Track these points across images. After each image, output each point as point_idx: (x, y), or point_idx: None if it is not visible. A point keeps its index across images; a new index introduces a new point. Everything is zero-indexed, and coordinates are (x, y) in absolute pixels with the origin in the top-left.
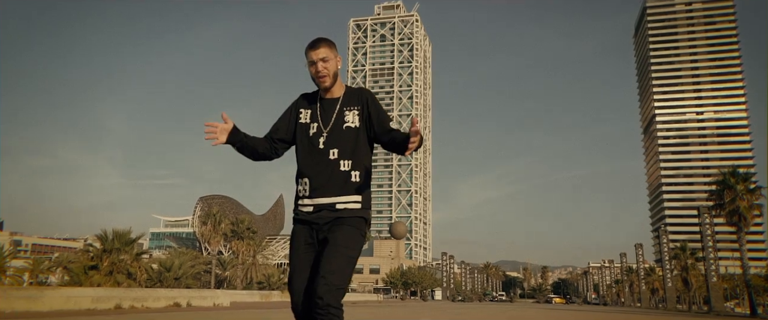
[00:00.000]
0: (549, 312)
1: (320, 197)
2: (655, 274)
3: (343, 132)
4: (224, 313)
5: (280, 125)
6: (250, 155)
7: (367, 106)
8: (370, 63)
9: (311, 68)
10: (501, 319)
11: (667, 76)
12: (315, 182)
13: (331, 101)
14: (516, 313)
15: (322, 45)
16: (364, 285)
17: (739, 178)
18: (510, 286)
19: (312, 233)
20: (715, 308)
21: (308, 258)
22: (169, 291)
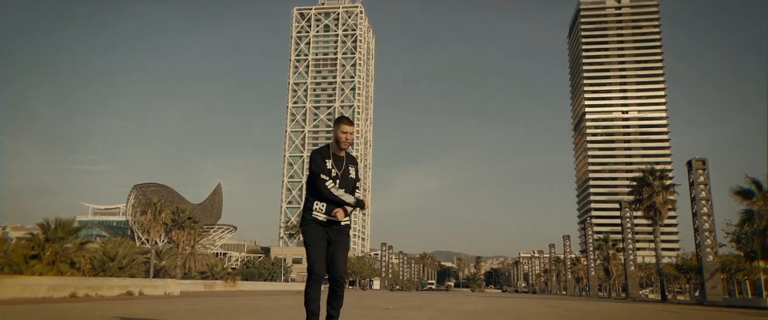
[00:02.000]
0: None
1: (331, 214)
2: (581, 264)
3: (348, 179)
4: (184, 301)
5: (327, 172)
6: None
7: (358, 168)
8: (313, 53)
9: (342, 135)
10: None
11: (597, 76)
12: (328, 207)
13: (340, 158)
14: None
15: (352, 124)
16: (304, 274)
17: (656, 176)
18: (445, 276)
19: (325, 232)
20: (631, 294)
21: (325, 244)
22: (122, 280)
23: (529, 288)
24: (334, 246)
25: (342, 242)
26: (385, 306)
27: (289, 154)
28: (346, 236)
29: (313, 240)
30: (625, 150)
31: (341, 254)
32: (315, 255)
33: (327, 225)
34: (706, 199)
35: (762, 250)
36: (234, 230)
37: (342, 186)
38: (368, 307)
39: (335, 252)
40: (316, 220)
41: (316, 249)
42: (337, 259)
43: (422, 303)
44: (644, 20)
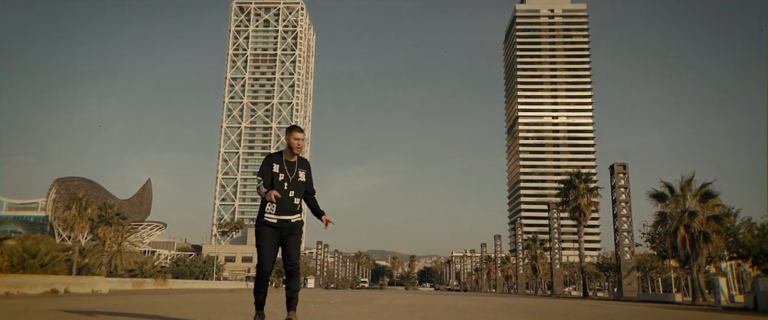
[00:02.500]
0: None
1: (282, 215)
2: (510, 262)
3: (298, 182)
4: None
5: (266, 176)
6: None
7: (309, 172)
8: (251, 48)
9: (294, 141)
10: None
11: (530, 82)
12: (278, 208)
13: (292, 163)
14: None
15: (303, 131)
16: (236, 273)
17: (581, 179)
18: (379, 274)
19: (276, 232)
20: (556, 291)
21: (275, 245)
22: (46, 277)
23: (461, 286)
24: (287, 239)
25: (293, 236)
26: (326, 301)
27: (224, 150)
28: (298, 230)
29: (263, 242)
30: (554, 154)
31: (294, 244)
32: (265, 255)
33: (278, 226)
34: (626, 201)
35: (673, 250)
36: (164, 227)
37: (292, 189)
38: (308, 302)
39: (288, 243)
40: (267, 222)
41: (266, 250)
42: (290, 249)
43: (360, 299)
44: (575, 30)
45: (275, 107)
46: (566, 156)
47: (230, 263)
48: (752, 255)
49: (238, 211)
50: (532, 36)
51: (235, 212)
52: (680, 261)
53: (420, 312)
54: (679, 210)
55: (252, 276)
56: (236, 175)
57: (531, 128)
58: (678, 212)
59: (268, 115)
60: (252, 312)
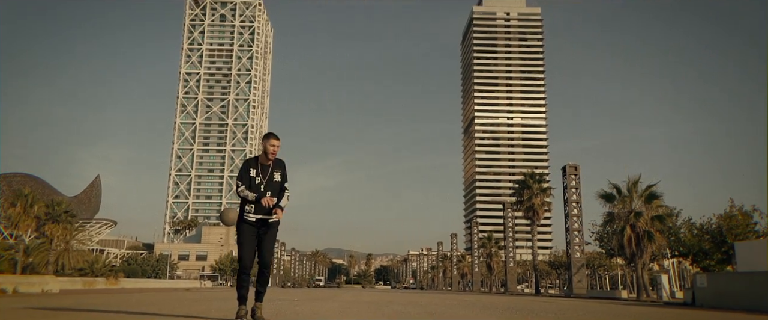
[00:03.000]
0: (379, 293)
1: (259, 215)
2: (466, 261)
3: (273, 183)
4: (69, 298)
5: (244, 180)
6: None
7: (284, 171)
8: (207, 42)
9: (270, 148)
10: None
11: (486, 84)
12: (256, 208)
13: (266, 166)
14: (355, 292)
15: (279, 139)
16: (190, 271)
17: (535, 179)
18: (336, 273)
19: (254, 230)
20: (509, 289)
21: (253, 241)
22: None
23: (417, 284)
24: (262, 238)
25: (269, 234)
26: (289, 299)
27: (177, 146)
28: (273, 230)
29: (244, 239)
30: (509, 154)
31: (268, 244)
32: (245, 252)
33: (257, 225)
34: (576, 201)
35: (619, 248)
36: (113, 225)
37: (268, 189)
38: (273, 300)
39: (262, 242)
40: (247, 221)
41: (246, 247)
42: (263, 249)
43: (324, 297)
44: (529, 34)
45: (231, 104)
46: (520, 157)
47: (184, 261)
48: (692, 253)
49: (191, 209)
50: (489, 38)
51: (189, 210)
52: (626, 259)
53: (386, 308)
54: (625, 210)
55: (206, 274)
56: (190, 172)
57: (487, 128)
58: (625, 213)
59: (223, 111)
60: (230, 307)
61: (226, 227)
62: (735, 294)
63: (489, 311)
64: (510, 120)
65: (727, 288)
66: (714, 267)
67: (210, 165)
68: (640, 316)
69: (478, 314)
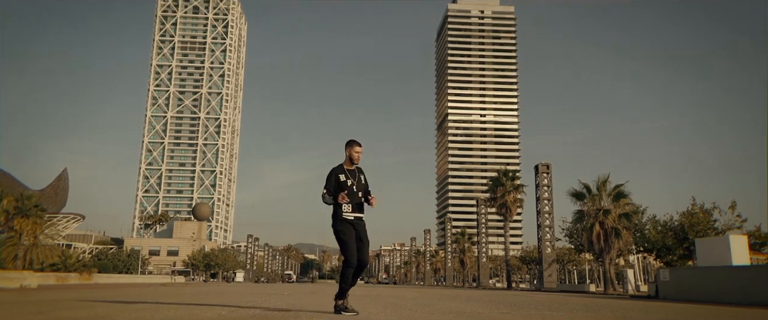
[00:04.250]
0: (357, 288)
1: (357, 213)
2: (439, 256)
3: (361, 184)
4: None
5: (330, 186)
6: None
7: (364, 174)
8: (180, 34)
9: (355, 154)
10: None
11: (460, 80)
12: (353, 206)
13: (353, 170)
14: (335, 288)
15: (361, 145)
16: (161, 267)
17: (508, 177)
18: (308, 268)
19: (354, 229)
20: (482, 283)
21: (355, 239)
22: None
23: (390, 279)
24: (361, 239)
25: (365, 236)
26: (279, 293)
27: (148, 140)
28: (366, 232)
29: (348, 237)
30: (482, 151)
31: (366, 245)
32: (351, 249)
33: (354, 222)
34: (548, 199)
35: (588, 244)
36: (82, 219)
37: (359, 190)
38: (264, 295)
39: (362, 244)
40: (347, 220)
41: (351, 244)
42: (363, 250)
43: (310, 291)
44: (503, 32)
45: (204, 97)
46: (492, 153)
47: (155, 256)
48: (656, 249)
49: (162, 203)
50: (463, 35)
51: (160, 205)
52: (594, 254)
53: (379, 300)
54: (595, 208)
55: (179, 270)
56: (161, 166)
57: (460, 125)
58: (594, 210)
59: (195, 105)
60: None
61: (199, 222)
62: (695, 288)
63: (475, 303)
64: (483, 117)
65: (688, 281)
66: (676, 261)
67: (181, 159)
68: (616, 308)
69: (464, 305)
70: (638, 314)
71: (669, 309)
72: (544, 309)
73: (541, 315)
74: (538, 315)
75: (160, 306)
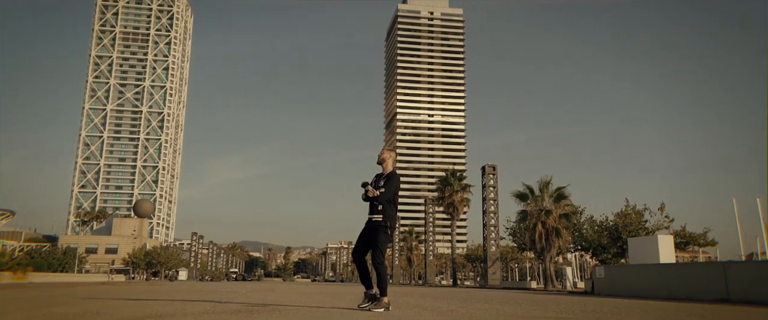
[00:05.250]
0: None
1: (370, 214)
2: (386, 254)
3: (378, 187)
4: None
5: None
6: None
7: (391, 179)
8: (121, 25)
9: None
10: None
11: (409, 80)
12: (369, 207)
13: (380, 174)
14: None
15: (390, 150)
16: (99, 265)
17: (456, 177)
18: (253, 266)
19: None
20: (428, 281)
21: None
22: None
23: (337, 277)
24: (372, 241)
25: (372, 236)
26: (238, 291)
27: (86, 133)
28: (377, 235)
29: (359, 235)
30: (429, 150)
31: (373, 247)
32: (355, 245)
33: (367, 224)
34: (494, 199)
35: (531, 243)
36: (11, 215)
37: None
38: (223, 292)
39: (368, 245)
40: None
41: (358, 242)
42: (370, 251)
43: (262, 288)
44: (452, 33)
45: (147, 90)
46: (440, 153)
47: (92, 254)
48: (592, 248)
49: (100, 199)
50: (412, 36)
51: (97, 201)
52: (536, 252)
53: (346, 297)
54: (537, 209)
55: (118, 268)
56: (99, 160)
57: (408, 124)
58: (537, 211)
59: (138, 98)
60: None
61: (140, 220)
62: (627, 284)
63: (431, 299)
64: (431, 117)
65: (621, 278)
66: (610, 259)
67: (121, 154)
68: (558, 303)
69: (421, 301)
70: (578, 307)
71: (603, 304)
72: (495, 303)
73: (495, 308)
74: (492, 309)
75: (141, 303)
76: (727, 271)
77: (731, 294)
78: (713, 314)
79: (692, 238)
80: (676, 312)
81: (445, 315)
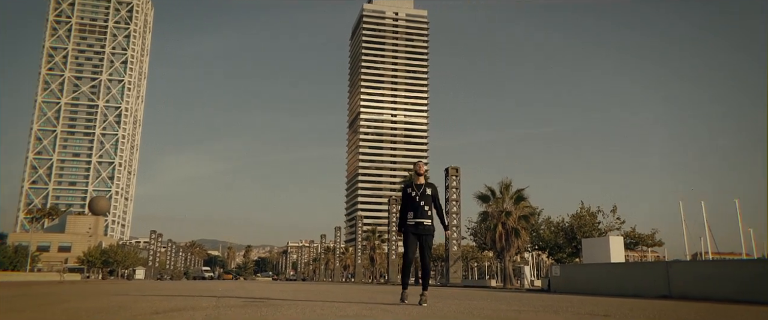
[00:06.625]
0: (274, 284)
1: (416, 219)
2: (349, 253)
3: (426, 196)
4: None
5: (408, 198)
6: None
7: (436, 190)
8: (78, 16)
9: (419, 169)
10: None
11: (373, 80)
12: (414, 213)
13: (420, 184)
14: (253, 284)
15: (424, 164)
16: (52, 263)
17: None
18: (212, 264)
19: (415, 234)
20: (391, 279)
21: (415, 243)
22: None
23: (298, 276)
24: (423, 246)
25: (427, 244)
26: (213, 289)
27: (37, 127)
28: (430, 240)
29: (409, 241)
30: (392, 150)
31: (427, 251)
32: (406, 249)
33: (415, 227)
34: (456, 200)
35: (491, 243)
36: None
37: (422, 200)
38: (202, 289)
39: (423, 250)
40: (409, 224)
41: (411, 248)
42: (425, 255)
43: (232, 288)
44: (416, 34)
45: (104, 84)
46: (402, 153)
47: (45, 252)
48: (549, 248)
49: (52, 196)
50: (377, 36)
51: (49, 197)
52: (496, 252)
53: (322, 294)
54: (498, 210)
55: (71, 267)
56: (52, 156)
57: (371, 123)
58: (497, 212)
59: (94, 92)
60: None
61: (95, 217)
62: (581, 282)
63: (409, 297)
64: (394, 117)
65: (575, 276)
66: (566, 259)
67: (76, 149)
68: (518, 299)
69: (393, 297)
70: (537, 302)
71: (559, 299)
72: (461, 299)
73: (463, 304)
74: (458, 304)
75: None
76: (669, 270)
77: (672, 291)
78: (652, 307)
79: (641, 239)
80: (619, 307)
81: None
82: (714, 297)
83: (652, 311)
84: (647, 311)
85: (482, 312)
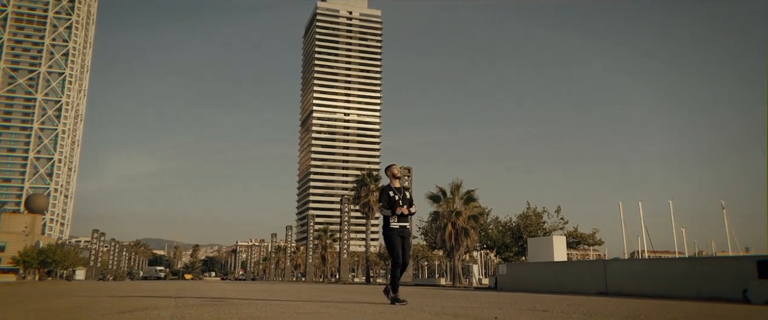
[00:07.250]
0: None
1: (401, 223)
2: (300, 252)
3: (407, 200)
4: None
5: (385, 201)
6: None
7: (409, 191)
8: (14, 5)
9: (398, 172)
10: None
11: (326, 78)
12: (399, 218)
13: (399, 188)
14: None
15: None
16: None
17: (372, 178)
18: (157, 264)
19: (399, 236)
20: (342, 278)
21: (400, 244)
22: None
23: (247, 276)
24: (404, 244)
25: (407, 242)
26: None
27: None
28: (410, 239)
29: (395, 243)
30: (344, 149)
31: (407, 249)
32: (396, 251)
33: (400, 230)
34: None
35: (442, 242)
36: None
37: (404, 203)
38: (158, 290)
39: (404, 248)
40: (393, 228)
41: (397, 249)
42: (405, 254)
43: (184, 288)
44: (369, 34)
45: (42, 76)
46: (355, 152)
47: None
48: (496, 247)
49: None
50: (331, 34)
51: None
52: (446, 251)
53: (281, 293)
54: (448, 210)
55: (5, 267)
56: None
57: (324, 122)
58: (448, 212)
59: (31, 84)
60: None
61: (33, 215)
62: (526, 280)
63: (354, 294)
64: (347, 116)
65: (521, 274)
66: (513, 257)
67: (11, 144)
68: (467, 296)
69: (348, 295)
70: (484, 299)
71: (504, 297)
72: (412, 297)
73: (411, 301)
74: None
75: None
76: (606, 268)
77: (609, 288)
78: (588, 303)
79: (582, 238)
80: (559, 303)
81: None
82: (647, 294)
83: (588, 307)
84: (583, 307)
85: (432, 309)
